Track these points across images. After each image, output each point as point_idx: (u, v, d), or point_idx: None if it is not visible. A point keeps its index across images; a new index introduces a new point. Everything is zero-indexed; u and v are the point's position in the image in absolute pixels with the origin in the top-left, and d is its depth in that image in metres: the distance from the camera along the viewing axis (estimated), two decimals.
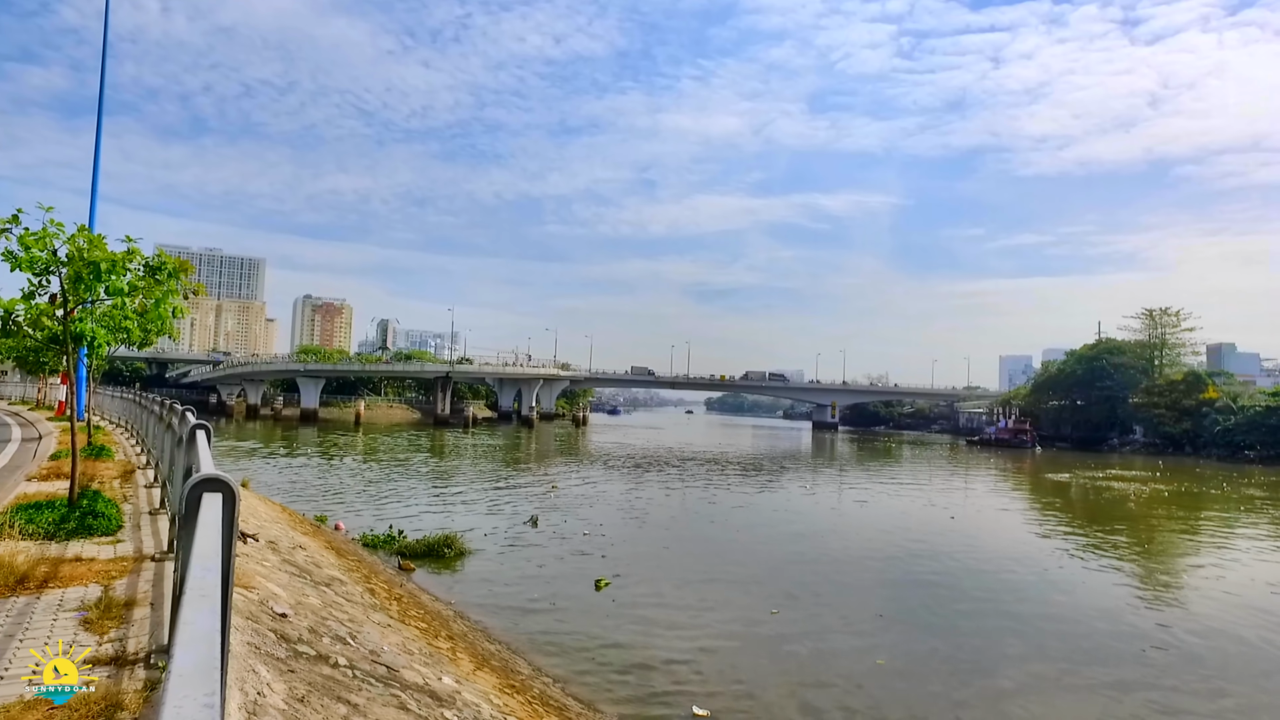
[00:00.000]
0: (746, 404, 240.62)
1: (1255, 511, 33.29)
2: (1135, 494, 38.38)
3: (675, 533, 22.72)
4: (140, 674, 4.03)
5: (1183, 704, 10.52)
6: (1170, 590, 18.01)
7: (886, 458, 61.63)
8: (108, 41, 27.61)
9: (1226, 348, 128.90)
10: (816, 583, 16.72)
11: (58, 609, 5.10)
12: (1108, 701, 10.43)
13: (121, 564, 6.38)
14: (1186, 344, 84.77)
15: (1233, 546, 23.86)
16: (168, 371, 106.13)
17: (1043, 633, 13.56)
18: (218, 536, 2.39)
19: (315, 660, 5.60)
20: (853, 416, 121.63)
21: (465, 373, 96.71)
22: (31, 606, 5.13)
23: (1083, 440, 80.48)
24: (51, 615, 4.96)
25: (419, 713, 5.51)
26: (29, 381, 43.84)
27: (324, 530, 16.89)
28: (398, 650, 7.34)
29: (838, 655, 11.96)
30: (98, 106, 27.30)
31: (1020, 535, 24.96)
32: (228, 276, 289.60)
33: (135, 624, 4.85)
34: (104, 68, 27.47)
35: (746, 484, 37.56)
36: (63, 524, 7.47)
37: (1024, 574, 18.44)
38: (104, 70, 27.46)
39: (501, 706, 7.10)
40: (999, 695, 10.57)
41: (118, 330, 8.82)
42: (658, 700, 9.76)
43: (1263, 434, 67.32)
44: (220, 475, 2.88)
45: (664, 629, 12.66)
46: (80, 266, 7.70)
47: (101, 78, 27.41)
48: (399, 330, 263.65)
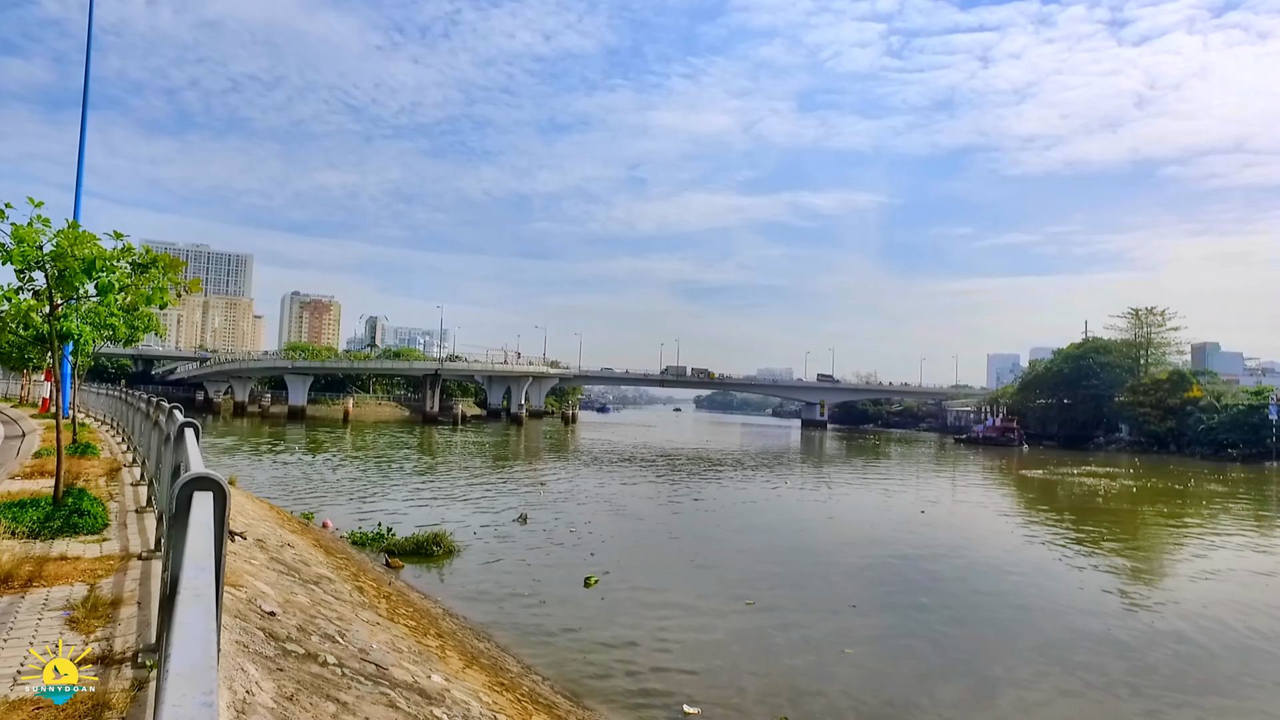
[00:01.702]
0: (735, 402, 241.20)
1: (1212, 504, 33.96)
2: (1105, 490, 39.31)
3: (664, 530, 22.77)
4: (128, 673, 4.00)
5: (1110, 668, 11.24)
6: (1120, 574, 19.03)
7: (874, 456, 61.97)
8: (92, 34, 27.33)
9: (1211, 347, 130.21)
10: (800, 577, 16.85)
11: (43, 608, 5.05)
12: (1062, 672, 11.12)
13: (108, 562, 6.33)
14: (1171, 343, 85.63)
15: (1186, 536, 24.85)
16: (154, 369, 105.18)
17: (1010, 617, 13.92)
18: (209, 536, 2.39)
19: (304, 658, 5.58)
20: (841, 415, 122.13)
21: (454, 370, 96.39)
22: (16, 606, 5.08)
23: (1069, 438, 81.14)
24: (36, 615, 4.92)
25: (408, 710, 5.51)
26: (12, 378, 43.38)
27: (312, 528, 16.82)
28: (386, 648, 7.33)
29: (820, 647, 12.04)
30: (82, 100, 26.99)
31: (999, 529, 25.20)
32: (215, 273, 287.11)
33: (122, 623, 4.82)
34: (88, 61, 27.16)
35: (735, 481, 37.67)
36: (48, 522, 7.40)
37: (1017, 569, 18.70)
38: (88, 63, 27.15)
39: (491, 704, 7.10)
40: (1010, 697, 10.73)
41: (103, 327, 8.76)
42: (647, 698, 9.78)
43: (1245, 432, 68.15)
44: (211, 474, 2.87)
45: (653, 626, 12.69)
46: (70, 261, 7.63)
47: (86, 71, 27.09)
48: (387, 327, 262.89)
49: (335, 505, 23.57)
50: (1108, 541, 23.88)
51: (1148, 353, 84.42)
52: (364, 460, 40.37)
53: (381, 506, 23.72)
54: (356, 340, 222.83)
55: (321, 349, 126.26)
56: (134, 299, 8.52)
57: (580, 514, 23.94)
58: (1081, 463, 56.61)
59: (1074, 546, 22.67)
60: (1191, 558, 21.93)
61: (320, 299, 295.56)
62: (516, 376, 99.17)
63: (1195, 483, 45.14)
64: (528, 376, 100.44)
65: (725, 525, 24.01)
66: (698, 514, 26.18)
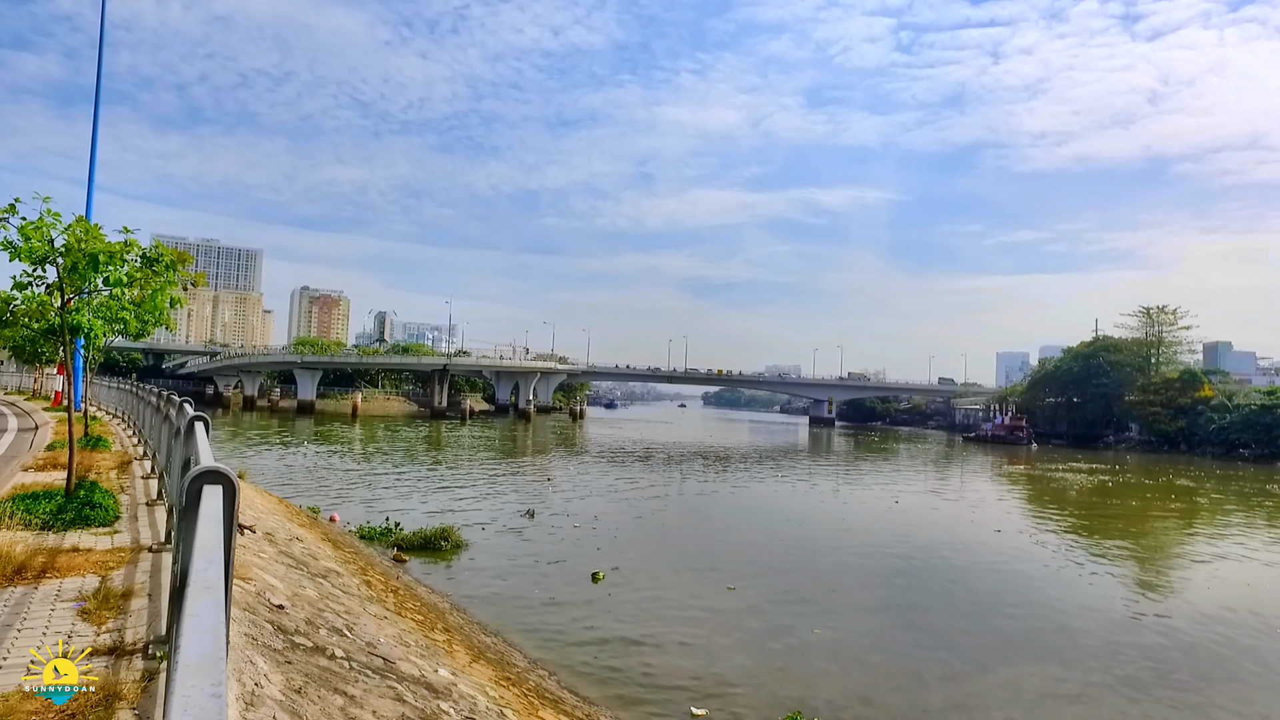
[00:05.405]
0: (743, 399, 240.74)
1: (1183, 499, 33.72)
2: (1081, 485, 39.31)
3: (672, 526, 22.78)
4: (138, 664, 4.04)
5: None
6: (1095, 559, 19.49)
7: (883, 453, 61.79)
8: (104, 30, 27.48)
9: (1223, 346, 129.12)
10: (812, 576, 16.83)
11: (55, 599, 5.11)
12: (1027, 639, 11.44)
13: (119, 555, 6.39)
14: (1183, 342, 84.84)
15: (1169, 529, 25.33)
16: (164, 362, 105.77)
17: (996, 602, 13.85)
18: (219, 529, 2.40)
19: (312, 651, 5.62)
20: (849, 412, 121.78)
21: (463, 365, 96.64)
22: (29, 596, 5.14)
23: (1078, 437, 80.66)
24: (49, 605, 4.97)
25: (415, 704, 5.54)
26: (25, 371, 43.72)
27: (320, 522, 16.91)
28: (394, 642, 7.37)
29: (825, 647, 12.04)
30: (94, 95, 27.13)
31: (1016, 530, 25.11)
32: (225, 267, 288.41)
33: (133, 614, 4.86)
34: (100, 56, 27.33)
35: (743, 478, 37.64)
36: (60, 514, 7.47)
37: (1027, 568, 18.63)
38: (100, 59, 27.31)
39: (498, 699, 7.13)
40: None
41: (114, 321, 8.81)
42: (654, 694, 9.80)
43: (1256, 432, 67.56)
44: (220, 468, 2.89)
45: (660, 623, 12.71)
46: (78, 257, 7.69)
47: (99, 66, 27.25)
48: (396, 322, 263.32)
49: (343, 499, 23.69)
50: (1089, 533, 23.89)
51: (1159, 351, 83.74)
52: (372, 455, 40.55)
53: (389, 501, 23.83)
54: (365, 335, 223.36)
55: (330, 344, 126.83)
56: (148, 288, 8.58)
57: (588, 509, 23.97)
58: (1090, 461, 56.30)
59: (1071, 543, 22.59)
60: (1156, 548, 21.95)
61: (329, 294, 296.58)
62: (524, 372, 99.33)
63: (1171, 477, 46.43)
64: (535, 372, 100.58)
65: (733, 522, 24.00)
66: (706, 510, 26.18)
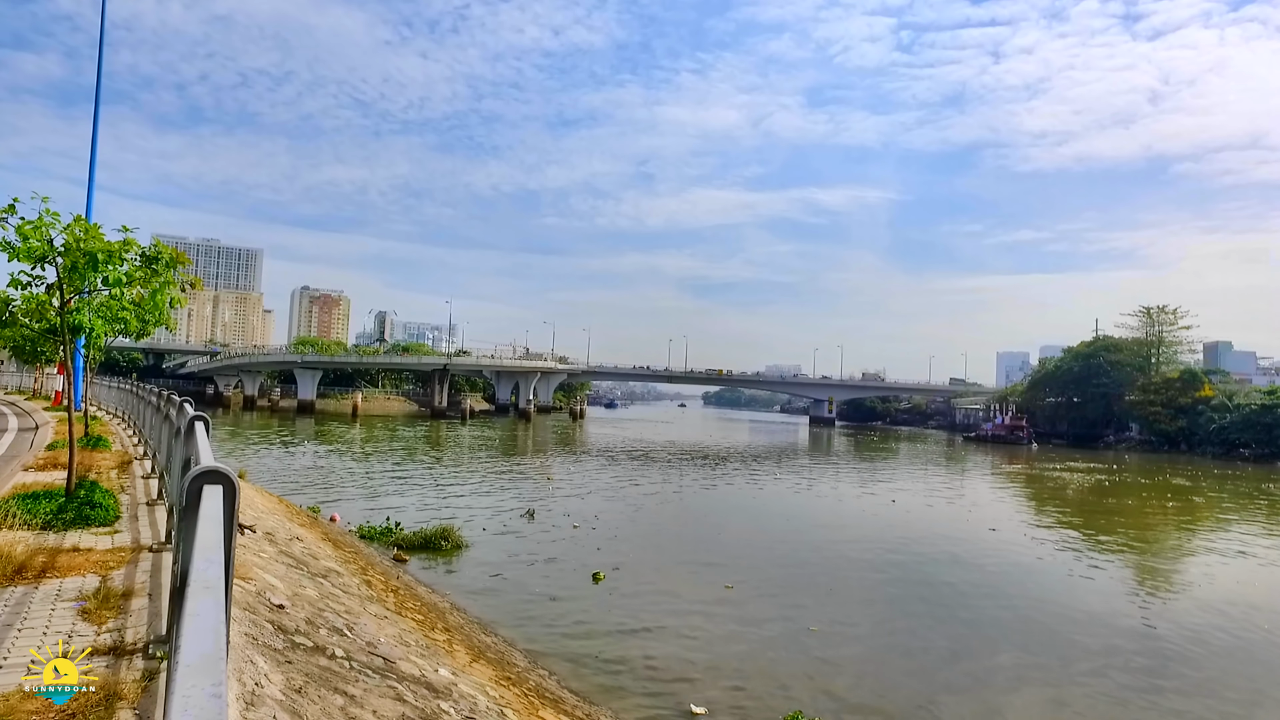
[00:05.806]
0: (743, 399, 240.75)
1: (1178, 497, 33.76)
2: (1087, 484, 39.29)
3: (672, 526, 22.78)
4: (138, 664, 4.04)
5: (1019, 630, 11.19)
6: (1080, 552, 19.57)
7: (883, 453, 61.79)
8: (105, 29, 27.46)
9: (1223, 346, 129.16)
10: (814, 574, 16.82)
11: (56, 599, 5.11)
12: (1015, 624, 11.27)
13: (119, 554, 6.39)
14: (1183, 342, 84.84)
15: (1166, 528, 25.56)
16: (165, 362, 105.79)
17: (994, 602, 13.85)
18: (219, 529, 2.40)
19: (312, 651, 5.62)
20: (849, 412, 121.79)
21: (463, 365, 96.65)
22: (29, 596, 5.14)
23: (1079, 437, 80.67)
24: (49, 605, 4.97)
25: (415, 704, 5.54)
26: (25, 371, 43.72)
27: (320, 522, 16.91)
28: (394, 642, 7.37)
29: (823, 644, 12.04)
30: (95, 95, 27.09)
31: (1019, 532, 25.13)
32: (225, 267, 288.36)
33: (133, 614, 4.86)
34: (101, 56, 27.31)
35: (743, 477, 37.63)
36: (60, 514, 7.47)
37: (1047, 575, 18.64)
38: (101, 59, 27.29)
39: (498, 698, 7.13)
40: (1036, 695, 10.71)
41: (115, 321, 8.81)
42: (655, 693, 9.80)
43: (1257, 432, 67.56)
44: (220, 467, 2.89)
45: (660, 623, 12.71)
46: (76, 256, 7.68)
47: (99, 66, 27.22)
48: (396, 322, 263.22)
49: (343, 499, 23.70)
50: (1085, 532, 23.92)
51: (1159, 351, 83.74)
52: (372, 454, 40.55)
53: (389, 500, 23.83)
54: (365, 335, 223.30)
55: (331, 343, 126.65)
56: (148, 288, 8.59)
57: (588, 509, 23.97)
58: (1089, 461, 56.32)
59: (1067, 541, 22.62)
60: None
61: (329, 293, 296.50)
62: (525, 372, 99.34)
63: (1169, 477, 46.64)
64: (536, 372, 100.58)
65: (733, 521, 24.01)
66: (706, 510, 26.18)
